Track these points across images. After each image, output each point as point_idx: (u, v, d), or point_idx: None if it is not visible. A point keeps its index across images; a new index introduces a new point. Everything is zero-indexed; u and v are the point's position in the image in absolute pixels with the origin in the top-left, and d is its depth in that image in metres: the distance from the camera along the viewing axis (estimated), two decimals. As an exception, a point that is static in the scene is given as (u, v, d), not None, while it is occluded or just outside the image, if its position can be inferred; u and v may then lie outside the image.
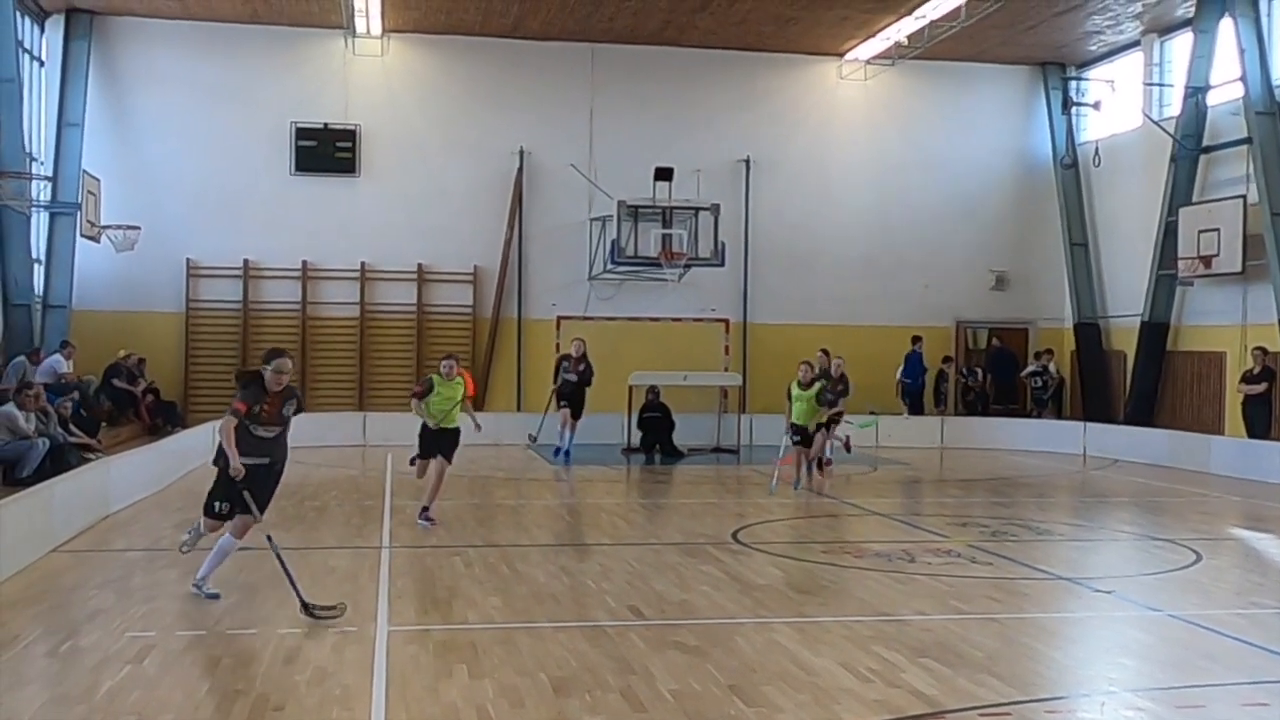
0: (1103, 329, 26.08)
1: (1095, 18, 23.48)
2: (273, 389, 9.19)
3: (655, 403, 22.38)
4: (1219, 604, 9.90)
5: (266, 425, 9.21)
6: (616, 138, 25.37)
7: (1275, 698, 7.09)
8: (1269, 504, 16.55)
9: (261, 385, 9.20)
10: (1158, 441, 21.99)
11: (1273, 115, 20.92)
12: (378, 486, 16.89)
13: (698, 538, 12.80)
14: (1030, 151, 27.26)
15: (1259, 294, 21.21)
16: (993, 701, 6.88)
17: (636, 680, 7.20)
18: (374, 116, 24.91)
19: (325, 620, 8.51)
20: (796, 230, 26.16)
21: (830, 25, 23.91)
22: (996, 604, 9.67)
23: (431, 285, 25.08)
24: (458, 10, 23.41)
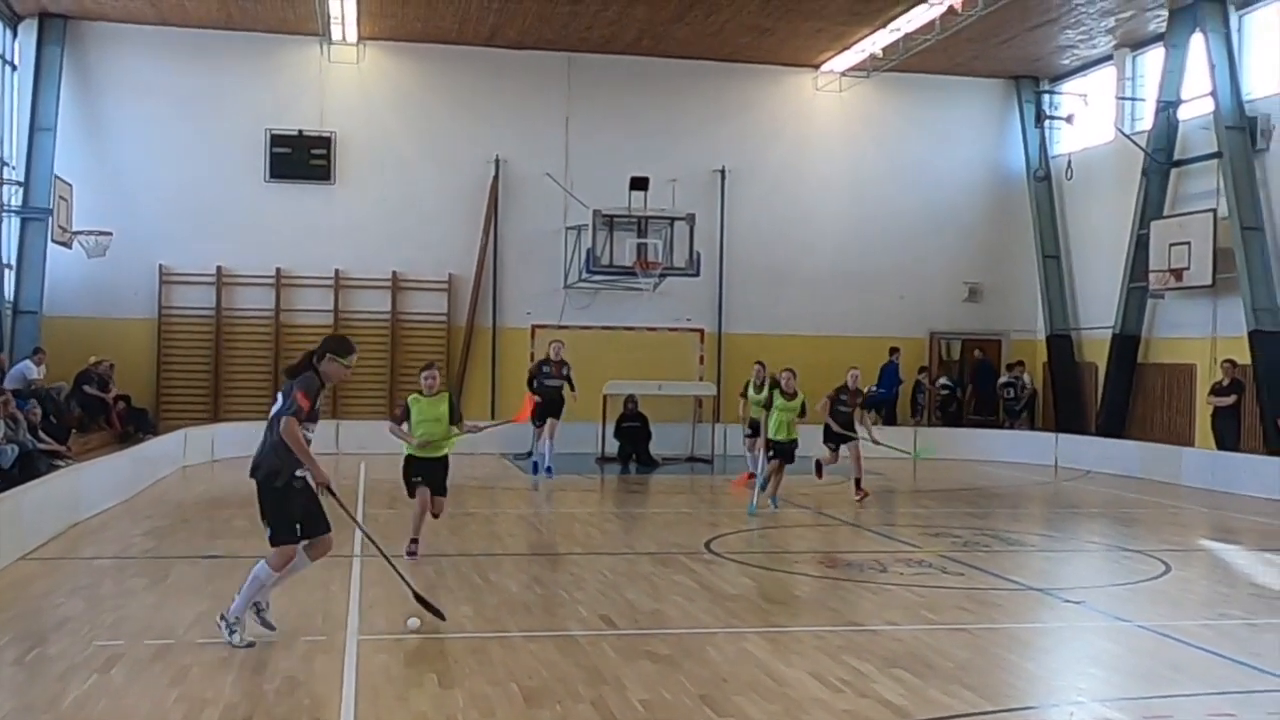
0: (1075, 341, 26.24)
1: (1068, 32, 23.65)
2: (329, 383, 8.28)
3: (634, 412, 22.43)
4: (1187, 615, 9.96)
5: (312, 425, 8.23)
6: (592, 147, 25.39)
7: (1241, 708, 7.14)
8: (1238, 516, 16.67)
9: (318, 378, 8.19)
10: (1129, 453, 22.14)
11: (1242, 130, 21.11)
12: (350, 495, 16.78)
13: (671, 547, 12.80)
14: (1004, 164, 27.43)
15: (1229, 307, 21.38)
16: (963, 712, 6.91)
17: (608, 690, 7.19)
18: (349, 124, 24.85)
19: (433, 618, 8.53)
20: (771, 241, 26.22)
21: (806, 37, 24.01)
22: (967, 614, 9.70)
23: (406, 293, 25.02)
24: (434, 18, 23.39)
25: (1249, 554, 13.68)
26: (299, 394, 7.96)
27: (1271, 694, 7.45)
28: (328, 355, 8.17)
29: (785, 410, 15.63)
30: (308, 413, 7.99)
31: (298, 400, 7.94)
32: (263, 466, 8.13)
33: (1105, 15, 22.64)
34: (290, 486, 8.02)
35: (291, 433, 7.90)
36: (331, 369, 8.17)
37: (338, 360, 8.18)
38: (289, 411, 7.92)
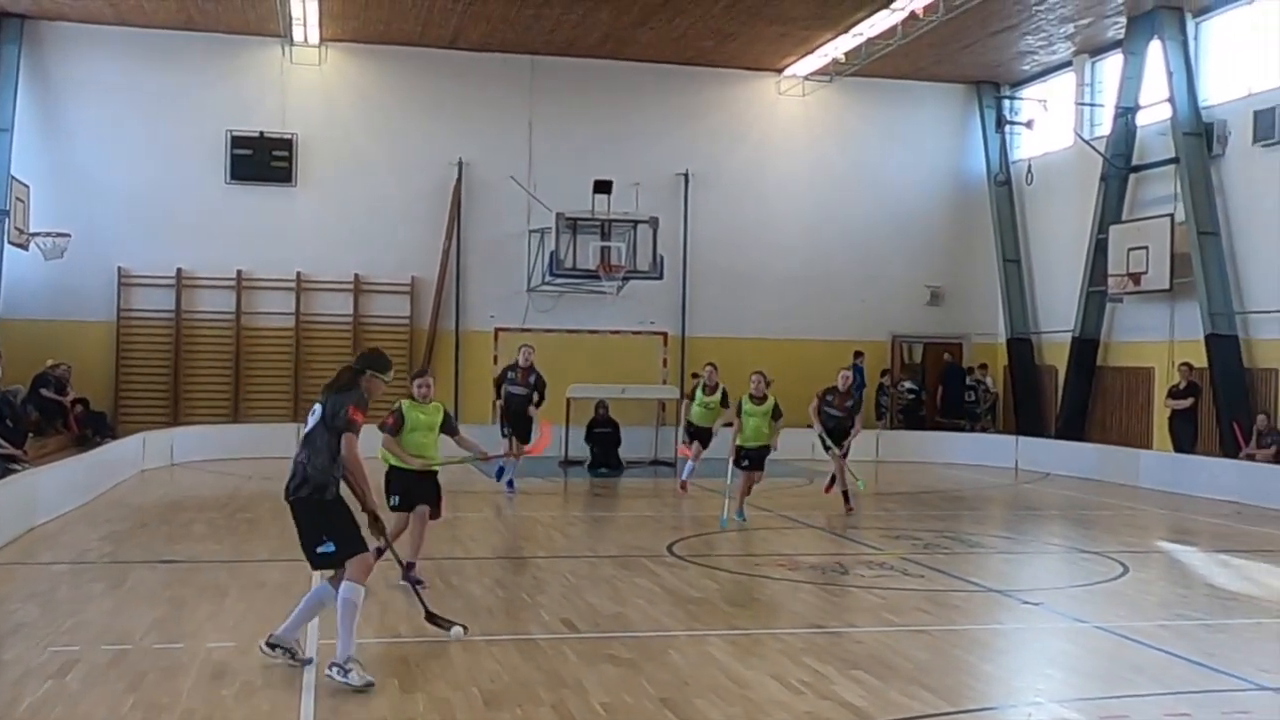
0: (1035, 344, 26.45)
1: (1028, 38, 23.85)
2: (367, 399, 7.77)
3: (605, 418, 22.48)
4: (1145, 616, 10.05)
5: None
6: (556, 150, 25.36)
7: (1197, 708, 7.21)
8: (1195, 517, 16.85)
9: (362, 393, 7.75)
10: (1088, 455, 22.34)
11: (1199, 136, 21.35)
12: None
13: (633, 550, 12.80)
14: (965, 169, 27.62)
15: (1185, 311, 21.62)
16: (922, 713, 6.94)
17: (568, 694, 7.18)
18: (311, 126, 24.71)
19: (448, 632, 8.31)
20: (735, 244, 26.28)
21: (769, 41, 24.09)
22: (928, 616, 9.76)
23: (368, 296, 24.91)
24: (397, 20, 23.31)
25: (1206, 555, 13.83)
26: (353, 409, 7.49)
27: (1227, 694, 7.53)
28: (369, 372, 7.81)
29: (755, 415, 14.78)
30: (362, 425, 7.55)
31: (353, 416, 7.46)
32: (310, 481, 7.51)
33: (1065, 22, 22.85)
34: (340, 498, 7.60)
35: (354, 454, 7.45)
36: (373, 385, 7.81)
37: (379, 378, 7.85)
38: (351, 429, 7.44)
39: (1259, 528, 15.72)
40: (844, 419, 15.96)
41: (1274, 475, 18.10)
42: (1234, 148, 20.96)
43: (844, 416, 15.97)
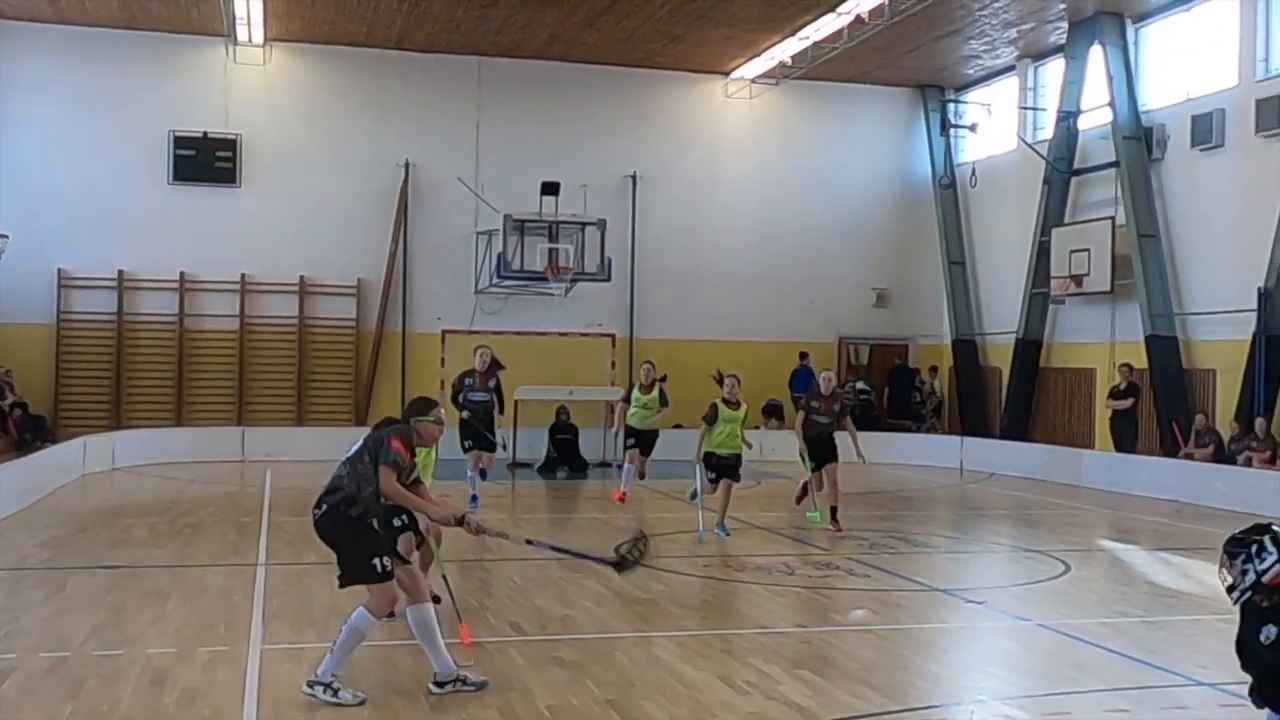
0: (979, 345, 26.71)
1: (972, 42, 24.08)
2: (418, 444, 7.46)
3: (567, 424, 22.53)
4: (1086, 613, 10.18)
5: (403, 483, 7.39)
6: (503, 151, 25.29)
7: (1136, 704, 7.31)
8: (1136, 516, 17.10)
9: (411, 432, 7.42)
10: (1032, 455, 22.59)
11: (1139, 140, 21.66)
12: (256, 503, 16.57)
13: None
14: (910, 172, 27.84)
15: (1126, 312, 21.92)
16: (867, 712, 6.99)
17: (515, 697, 7.17)
18: (256, 126, 24.47)
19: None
20: (683, 246, 26.33)
21: (716, 44, 24.16)
22: (874, 615, 9.83)
23: (314, 298, 24.70)
24: (342, 21, 23.14)
25: (1146, 553, 14.04)
26: (397, 439, 7.21)
27: (1165, 689, 7.64)
28: (413, 420, 7.45)
29: (730, 421, 13.89)
30: (405, 460, 7.23)
31: (393, 444, 7.17)
32: (335, 492, 7.19)
33: (1008, 26, 23.09)
34: (367, 520, 7.22)
35: (390, 484, 7.13)
36: (423, 429, 7.43)
37: (423, 420, 7.43)
38: (387, 460, 7.13)
39: (1198, 526, 15.95)
40: (831, 424, 14.65)
41: (1212, 474, 18.38)
42: (1173, 152, 21.27)
43: (830, 422, 14.64)
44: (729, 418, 13.90)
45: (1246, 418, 18.77)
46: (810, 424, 14.70)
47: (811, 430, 14.65)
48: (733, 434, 13.95)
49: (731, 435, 13.95)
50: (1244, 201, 19.73)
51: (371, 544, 7.18)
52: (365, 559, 7.13)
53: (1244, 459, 18.29)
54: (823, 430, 14.64)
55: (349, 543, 7.19)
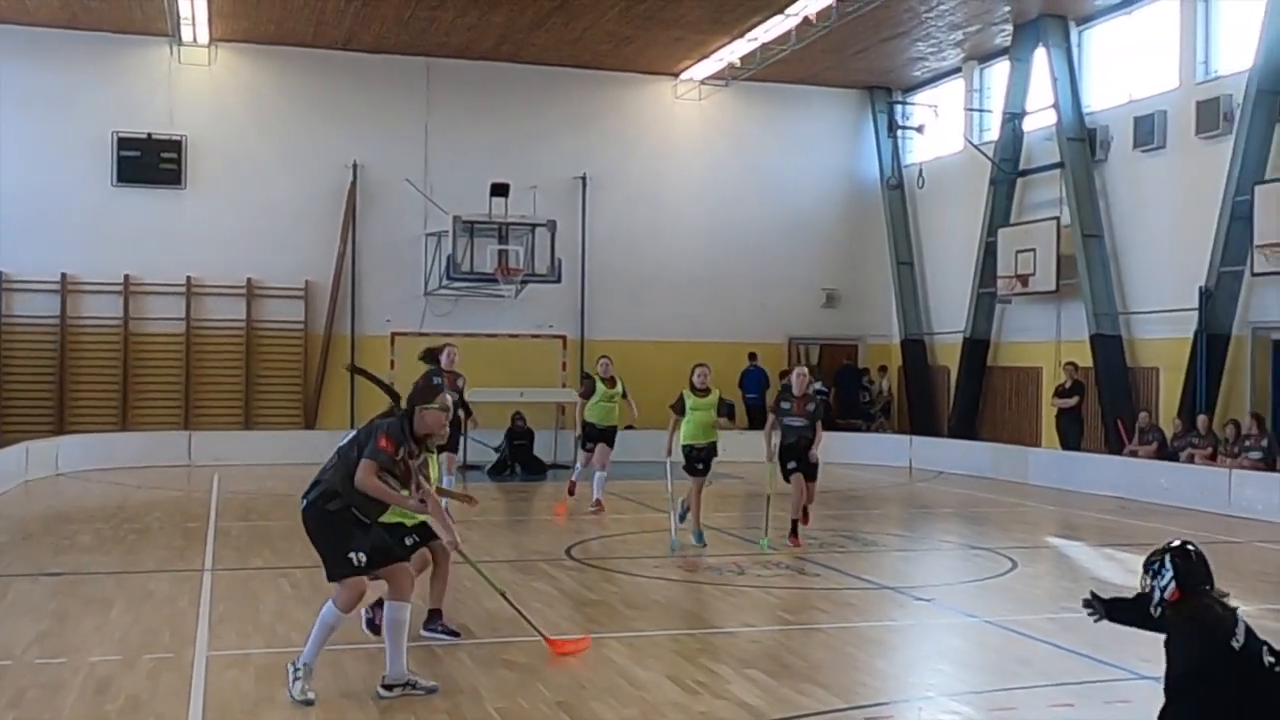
0: (928, 345, 26.92)
1: (919, 44, 24.26)
2: (422, 433, 7.31)
3: (523, 429, 22.49)
4: (1032, 609, 10.29)
5: (398, 479, 7.26)
6: (452, 153, 25.19)
7: (1080, 699, 7.40)
8: (1082, 513, 17.30)
9: (410, 425, 7.29)
10: (980, 454, 22.80)
11: (1083, 141, 21.92)
12: (202, 508, 16.40)
13: (531, 554, 12.77)
14: (859, 173, 28.01)
15: (1071, 312, 22.17)
16: (816, 710, 7.03)
17: (464, 700, 7.14)
18: (201, 127, 24.22)
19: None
20: (633, 247, 26.35)
21: (665, 45, 24.19)
22: (823, 614, 9.88)
23: (261, 300, 24.48)
24: (289, 21, 22.95)
25: (1091, 550, 14.21)
26: (385, 436, 7.07)
27: (1108, 684, 7.74)
28: (416, 409, 7.27)
29: (700, 409, 13.10)
30: (392, 456, 7.08)
31: (380, 443, 7.04)
32: (317, 485, 7.19)
33: (954, 29, 23.29)
34: (346, 514, 7.12)
35: (368, 479, 7.00)
36: (426, 418, 7.24)
37: (428, 408, 7.24)
38: (370, 456, 7.03)
39: (1143, 522, 16.17)
40: (807, 427, 13.16)
41: (1156, 471, 18.64)
42: (1116, 153, 21.54)
43: (806, 424, 13.16)
44: (697, 406, 13.09)
45: (1189, 415, 19.04)
46: (784, 428, 13.26)
47: (787, 436, 13.26)
48: (702, 423, 13.12)
49: (702, 425, 13.13)
50: (1185, 202, 20.02)
51: (347, 539, 7.12)
52: (341, 554, 7.10)
53: (1187, 455, 18.55)
54: (799, 434, 13.17)
55: (326, 538, 7.17)
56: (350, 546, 7.11)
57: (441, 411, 7.30)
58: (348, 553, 7.09)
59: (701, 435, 13.16)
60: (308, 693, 7.00)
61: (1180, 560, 5.31)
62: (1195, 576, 5.27)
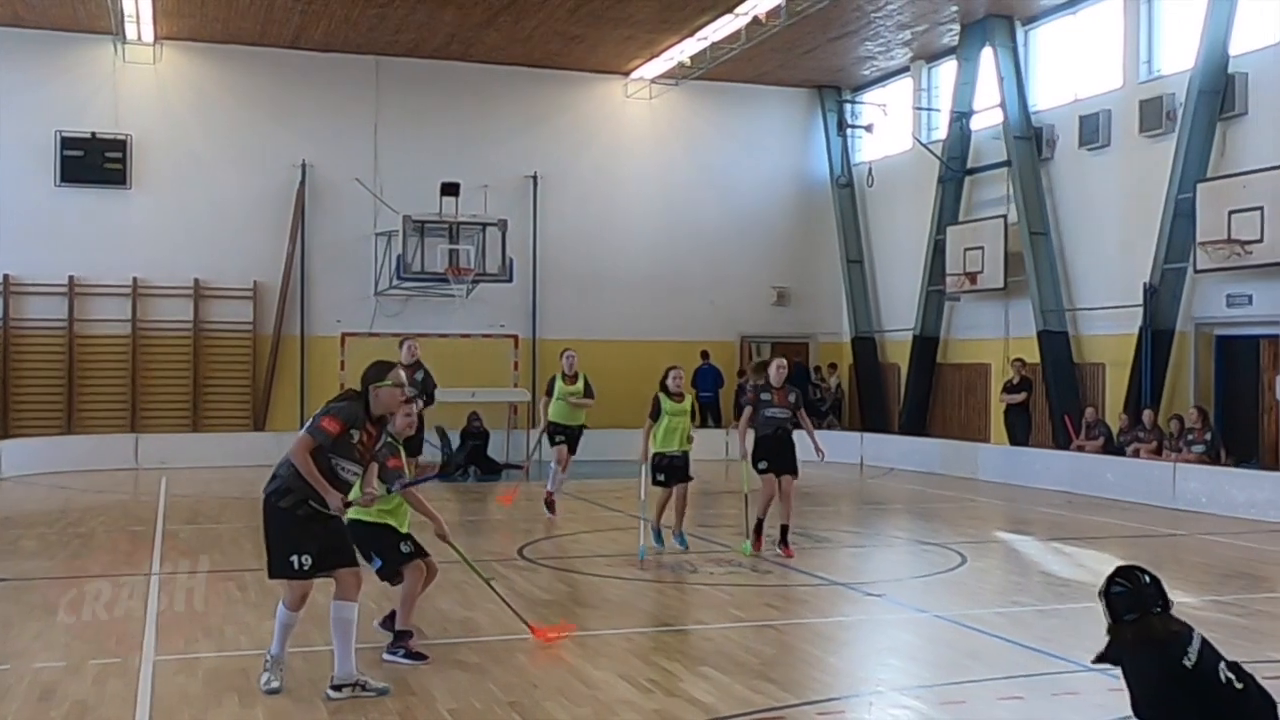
0: (878, 342, 27.09)
1: (868, 44, 24.41)
2: (379, 412, 7.19)
3: (479, 430, 22.41)
4: (982, 604, 10.39)
5: (356, 463, 7.20)
6: (402, 152, 25.04)
7: (1029, 691, 7.47)
8: (1031, 507, 17.48)
9: (365, 405, 7.16)
10: (930, 450, 22.99)
11: (1029, 140, 22.15)
12: (149, 511, 16.21)
13: (484, 555, 12.68)
14: (809, 171, 28.14)
15: (1019, 309, 22.39)
16: (768, 706, 7.05)
17: (415, 701, 7.10)
18: (147, 126, 23.93)
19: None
20: (584, 246, 26.33)
21: (615, 44, 24.19)
22: (775, 611, 9.91)
23: (209, 301, 24.22)
24: (235, 19, 22.73)
25: (1040, 544, 14.33)
26: (328, 418, 6.99)
27: (1057, 676, 7.81)
28: (370, 388, 7.14)
29: (675, 414, 12.51)
30: (336, 436, 6.96)
31: (323, 423, 6.96)
32: (275, 479, 7.12)
33: (902, 28, 23.45)
34: (297, 513, 7.03)
35: (300, 454, 6.90)
36: (382, 396, 7.09)
37: (381, 386, 7.09)
38: (309, 430, 7.00)
39: (1090, 516, 16.37)
40: (789, 419, 12.45)
41: (1103, 465, 18.88)
42: (1062, 151, 21.78)
43: (788, 416, 12.44)
44: (673, 410, 12.50)
45: (1134, 410, 19.28)
46: (762, 420, 12.46)
47: (765, 428, 12.43)
48: (677, 429, 12.52)
49: (678, 430, 12.52)
50: (1129, 200, 20.27)
51: (292, 540, 7.05)
52: (284, 555, 7.07)
53: (1132, 450, 18.78)
54: (779, 427, 12.41)
55: (273, 535, 7.13)
56: (294, 549, 7.06)
57: (396, 387, 7.17)
58: (290, 555, 7.06)
59: (676, 442, 12.53)
60: (271, 682, 7.12)
61: (1127, 582, 5.27)
62: (1144, 598, 5.22)
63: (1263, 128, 18.03)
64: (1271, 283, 17.65)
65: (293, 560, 7.04)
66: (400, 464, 8.06)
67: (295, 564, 7.04)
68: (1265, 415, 18.49)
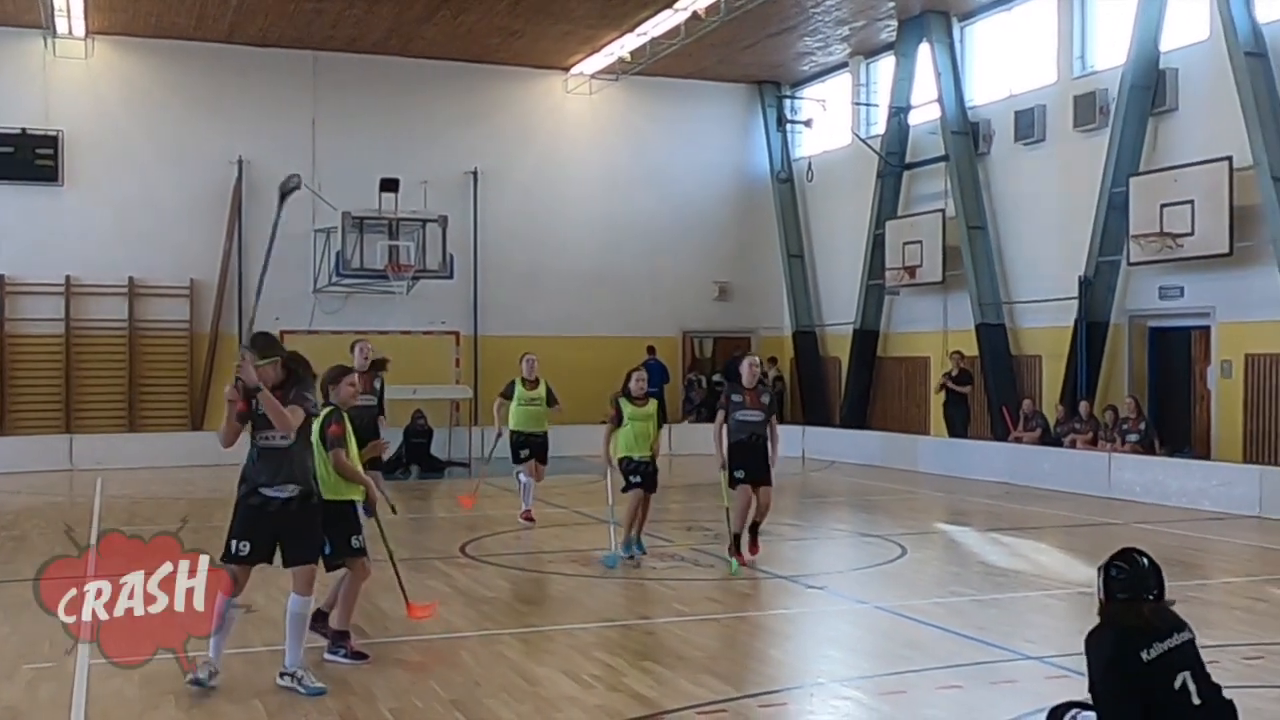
0: (819, 336, 27.26)
1: (806, 39, 24.54)
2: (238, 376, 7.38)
3: (423, 428, 22.28)
4: (921, 594, 10.49)
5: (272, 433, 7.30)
6: (341, 148, 24.80)
7: (968, 680, 7.56)
8: (969, 498, 17.68)
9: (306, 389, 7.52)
10: (871, 443, 23.17)
11: (966, 135, 22.37)
12: (85, 513, 15.97)
13: (426, 553, 12.65)
14: (749, 167, 28.24)
15: (957, 302, 22.62)
16: (710, 700, 7.07)
17: (356, 701, 7.06)
18: (79, 122, 23.52)
19: None
20: (526, 242, 26.24)
21: (555, 39, 24.13)
22: (717, 605, 9.96)
23: (144, 300, 23.87)
24: (168, 14, 22.40)
25: (978, 534, 14.52)
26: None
27: (995, 664, 7.91)
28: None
29: (638, 419, 11.86)
30: (231, 403, 7.46)
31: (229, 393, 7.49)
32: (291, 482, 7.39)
33: (840, 24, 23.58)
34: (249, 501, 7.28)
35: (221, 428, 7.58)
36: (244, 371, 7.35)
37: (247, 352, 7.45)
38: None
39: (1027, 506, 16.59)
40: (762, 422, 11.60)
41: (1040, 456, 19.13)
42: (998, 146, 22.01)
43: (762, 419, 11.60)
44: (636, 415, 11.88)
45: (1070, 401, 19.55)
46: (734, 424, 11.59)
47: (738, 432, 11.57)
48: (642, 433, 11.86)
49: (640, 435, 11.85)
50: (1064, 193, 20.54)
51: (233, 525, 7.33)
52: (227, 538, 7.33)
53: (1069, 441, 19.05)
54: (753, 430, 11.56)
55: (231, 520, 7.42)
56: (231, 534, 7.32)
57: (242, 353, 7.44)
58: (229, 540, 7.30)
59: (641, 448, 11.83)
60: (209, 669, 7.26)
61: (1127, 565, 5.26)
62: (1138, 582, 5.20)
63: (1192, 122, 18.34)
64: (1202, 275, 17.97)
65: (230, 544, 7.29)
66: (341, 430, 8.02)
67: (230, 548, 7.28)
68: (1197, 405, 18.84)
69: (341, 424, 7.99)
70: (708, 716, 6.74)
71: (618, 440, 11.88)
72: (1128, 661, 4.96)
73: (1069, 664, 7.56)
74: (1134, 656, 4.96)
